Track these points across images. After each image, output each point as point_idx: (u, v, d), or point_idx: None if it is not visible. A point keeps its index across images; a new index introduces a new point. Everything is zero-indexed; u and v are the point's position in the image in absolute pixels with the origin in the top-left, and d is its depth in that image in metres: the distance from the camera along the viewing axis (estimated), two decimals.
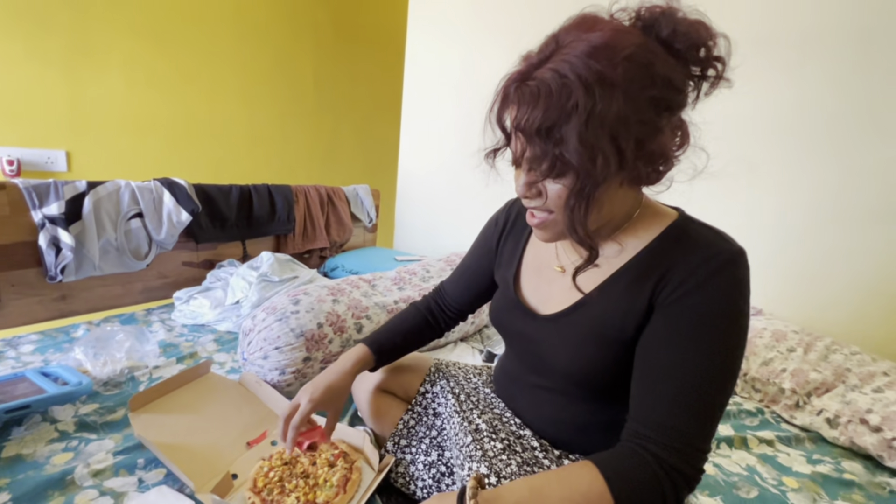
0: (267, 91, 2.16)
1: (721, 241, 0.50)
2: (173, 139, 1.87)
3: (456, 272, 0.83)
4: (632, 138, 0.44)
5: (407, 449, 0.76)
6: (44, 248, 1.14)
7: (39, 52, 1.47)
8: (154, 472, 0.72)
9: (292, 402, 0.70)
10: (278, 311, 0.92)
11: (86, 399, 0.88)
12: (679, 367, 0.48)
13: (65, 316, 1.24)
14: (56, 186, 1.17)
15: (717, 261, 0.48)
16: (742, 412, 1.13)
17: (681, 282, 0.49)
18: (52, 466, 0.71)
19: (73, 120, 1.61)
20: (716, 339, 0.48)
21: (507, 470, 0.58)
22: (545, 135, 0.45)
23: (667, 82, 0.44)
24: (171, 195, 1.39)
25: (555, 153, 0.45)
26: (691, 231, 0.52)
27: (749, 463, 0.92)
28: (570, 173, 0.46)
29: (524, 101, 0.45)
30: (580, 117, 0.42)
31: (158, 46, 1.75)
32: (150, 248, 1.37)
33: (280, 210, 1.76)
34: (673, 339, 0.49)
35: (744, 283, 0.49)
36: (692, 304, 0.48)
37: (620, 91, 0.42)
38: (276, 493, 0.66)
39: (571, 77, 0.43)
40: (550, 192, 0.49)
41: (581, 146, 0.43)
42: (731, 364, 0.49)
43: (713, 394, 0.48)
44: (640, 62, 0.43)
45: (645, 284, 0.51)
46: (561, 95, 0.43)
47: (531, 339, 0.63)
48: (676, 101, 0.46)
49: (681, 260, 0.50)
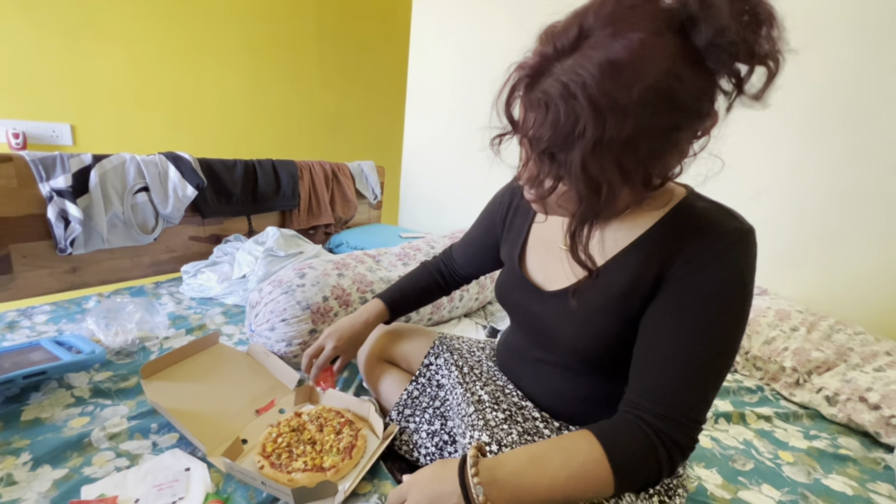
0: (272, 65, 2.13)
1: (730, 219, 0.49)
2: (177, 113, 1.86)
3: (463, 242, 0.85)
4: (639, 160, 0.42)
5: (411, 418, 0.78)
6: (53, 220, 1.15)
7: (40, 22, 1.45)
8: (167, 436, 0.74)
9: (318, 342, 0.77)
10: (284, 284, 0.93)
11: (99, 367, 0.91)
12: (680, 342, 0.49)
13: (76, 288, 1.26)
14: (62, 159, 1.17)
15: (726, 240, 0.48)
16: (742, 389, 1.14)
17: (688, 260, 0.49)
18: (69, 429, 0.73)
19: (77, 93, 1.59)
20: (718, 318, 0.48)
21: (507, 439, 0.59)
22: (550, 156, 0.43)
23: (687, 111, 0.41)
24: (176, 169, 1.39)
25: (559, 174, 0.44)
26: (700, 209, 0.51)
27: (746, 437, 0.94)
28: (573, 196, 0.45)
29: (531, 110, 0.43)
30: (587, 145, 0.40)
31: (161, 18, 1.71)
32: (157, 223, 1.38)
33: (285, 186, 1.75)
34: (676, 315, 0.49)
35: (751, 263, 0.49)
36: (698, 282, 0.48)
37: (632, 119, 0.39)
38: (284, 457, 0.69)
39: (581, 99, 0.39)
40: (550, 202, 0.49)
41: (584, 175, 0.41)
42: (731, 341, 0.49)
43: (711, 369, 0.48)
44: (662, 90, 0.38)
45: (652, 262, 0.51)
46: (568, 119, 0.40)
47: (536, 315, 0.64)
48: (695, 125, 0.43)
49: (689, 238, 0.49)
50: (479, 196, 0.82)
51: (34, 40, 1.45)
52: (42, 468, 0.65)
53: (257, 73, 2.08)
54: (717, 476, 0.80)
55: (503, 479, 0.46)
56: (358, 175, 2.13)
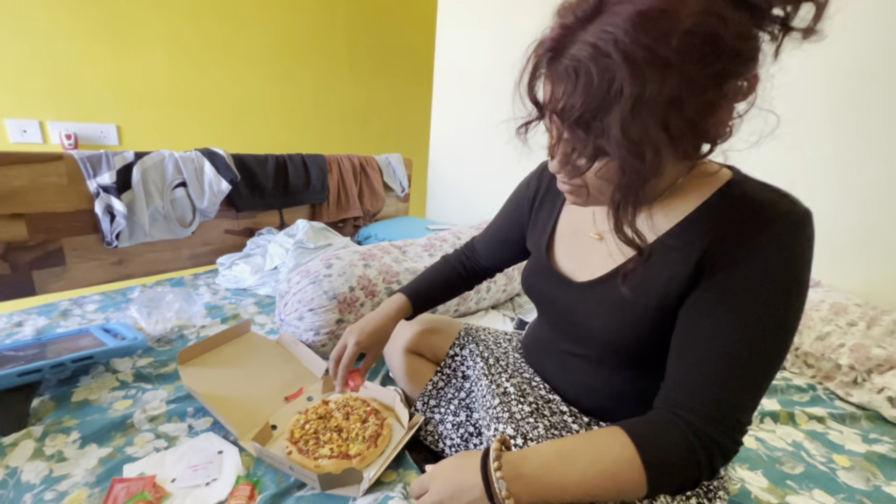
0: (302, 61, 2.16)
1: (784, 201, 0.44)
2: (213, 111, 1.92)
3: (486, 233, 0.81)
4: (685, 119, 0.38)
5: (436, 409, 0.77)
6: (100, 215, 1.22)
7: (88, 32, 1.53)
8: (202, 419, 0.77)
9: (340, 342, 0.73)
10: (312, 274, 0.94)
11: (141, 353, 0.95)
12: (723, 338, 0.45)
13: (122, 279, 1.33)
14: (107, 157, 1.24)
15: (778, 225, 0.43)
16: (791, 387, 1.07)
17: (734, 246, 0.44)
18: (114, 411, 0.77)
19: (122, 95, 1.68)
20: (768, 311, 0.43)
21: (533, 433, 0.57)
22: (584, 125, 0.39)
23: (735, 54, 0.36)
24: (211, 165, 1.44)
25: (596, 144, 0.40)
26: (748, 191, 0.46)
27: (796, 439, 0.88)
28: (615, 166, 0.41)
29: (559, 82, 0.39)
30: (625, 105, 0.36)
31: (196, 23, 1.77)
32: (194, 217, 1.44)
33: (314, 179, 1.78)
34: (720, 308, 0.45)
35: (806, 251, 0.44)
36: (745, 271, 0.44)
37: (675, 71, 0.35)
38: (311, 443, 0.70)
39: (615, 56, 0.35)
40: (589, 181, 0.45)
41: (626, 140, 0.37)
42: (783, 336, 0.45)
43: (759, 365, 0.44)
44: (703, 33, 0.34)
45: (693, 249, 0.46)
46: (602, 80, 0.36)
47: (565, 306, 0.60)
48: (744, 69, 0.38)
49: (735, 223, 0.45)
50: (505, 188, 0.79)
51: (83, 49, 1.53)
52: (89, 446, 0.69)
53: (288, 70, 2.12)
54: (763, 479, 0.75)
55: (528, 474, 0.45)
56: (385, 168, 2.13)
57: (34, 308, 1.14)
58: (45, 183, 1.14)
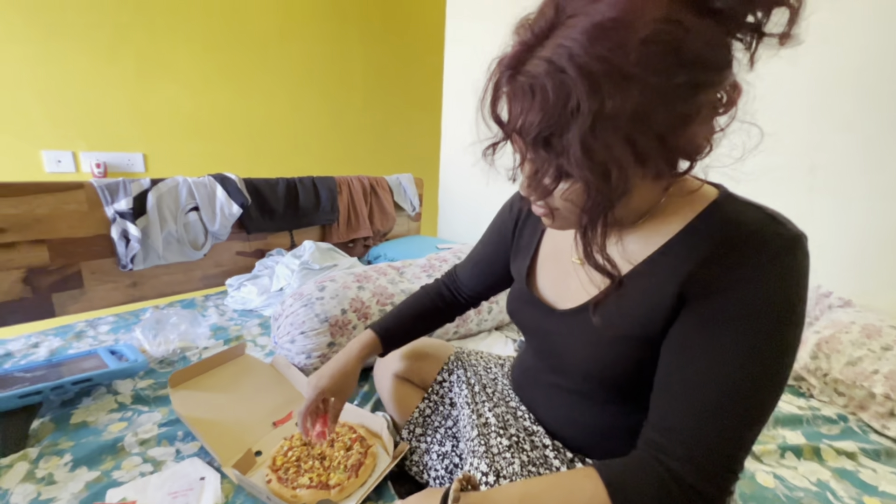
0: (318, 89, 2.24)
1: (772, 223, 0.41)
2: (232, 138, 2.01)
3: (469, 260, 0.77)
4: (654, 135, 0.36)
5: (422, 437, 0.75)
6: (116, 239, 1.28)
7: (117, 66, 1.64)
8: (191, 444, 0.77)
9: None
10: (304, 297, 0.95)
11: (143, 375, 0.97)
12: (709, 373, 0.41)
13: (136, 300, 1.38)
14: (124, 184, 1.30)
15: (767, 250, 0.39)
16: (819, 418, 0.98)
17: (717, 275, 0.41)
18: (108, 433, 0.79)
19: (147, 126, 1.78)
20: (758, 342, 0.39)
21: (508, 469, 0.54)
22: (545, 144, 0.37)
23: (702, 63, 0.34)
24: (222, 189, 1.49)
25: (558, 163, 0.38)
26: (735, 212, 0.43)
27: (821, 477, 0.80)
28: (580, 187, 0.39)
29: (516, 100, 0.38)
30: (584, 122, 0.34)
31: (215, 57, 1.87)
32: (206, 239, 1.49)
33: (324, 201, 1.82)
34: (704, 339, 0.42)
35: (800, 277, 0.40)
36: (732, 299, 0.40)
37: (637, 83, 0.33)
38: (291, 471, 0.69)
39: (570, 71, 0.33)
40: (558, 204, 0.43)
41: (587, 159, 0.35)
42: (775, 372, 0.40)
43: (749, 406, 0.40)
44: (663, 42, 0.33)
45: (675, 275, 0.43)
46: (559, 96, 0.34)
47: (548, 334, 0.58)
48: (715, 79, 0.36)
49: (720, 247, 0.41)
50: None
51: (113, 83, 1.64)
52: (79, 469, 0.70)
53: (304, 97, 2.20)
54: None
55: None
56: (396, 188, 2.16)
57: (52, 329, 1.19)
58: (67, 210, 1.21)
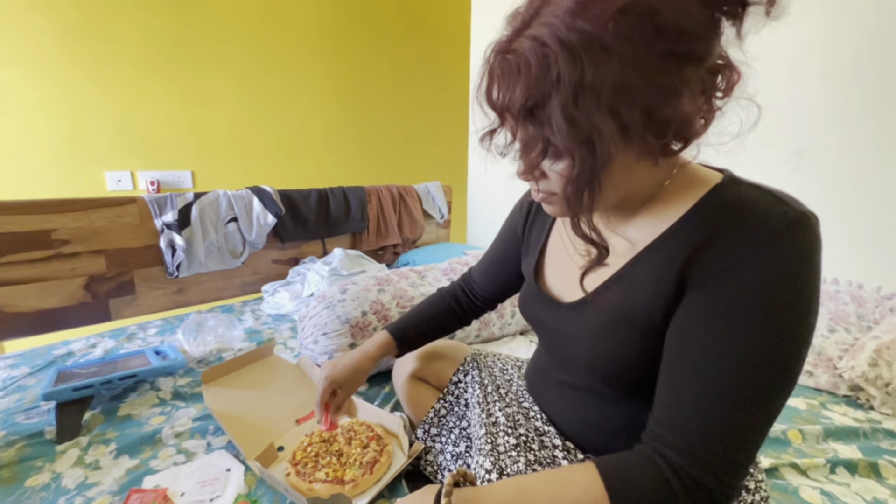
0: (349, 103, 2.34)
1: (775, 202, 0.39)
2: (269, 153, 2.13)
3: (483, 261, 0.78)
4: (637, 107, 0.36)
5: (437, 437, 0.75)
6: (163, 249, 1.39)
7: (168, 95, 1.80)
8: (220, 437, 0.82)
9: None
10: (327, 299, 0.98)
11: (183, 373, 1.04)
12: (709, 359, 0.39)
13: (181, 306, 1.48)
14: (171, 198, 1.41)
15: (768, 229, 0.38)
16: (879, 432, 0.89)
17: (721, 254, 0.40)
18: (149, 426, 0.85)
19: (195, 145, 1.93)
20: (764, 326, 0.37)
21: (513, 467, 0.53)
22: (530, 116, 0.39)
23: (679, 32, 0.34)
24: (259, 201, 1.58)
25: (544, 136, 0.39)
26: (739, 194, 0.42)
27: (878, 496, 0.72)
28: (566, 158, 0.40)
29: (504, 78, 0.39)
30: (565, 92, 0.35)
31: (252, 82, 2.01)
32: (244, 248, 1.58)
33: (354, 210, 1.88)
34: (705, 325, 0.40)
35: (810, 255, 0.38)
36: (735, 281, 0.39)
37: (616, 54, 0.34)
38: (309, 466, 0.71)
39: (552, 44, 0.35)
40: (551, 175, 0.43)
41: (570, 127, 0.36)
42: (785, 359, 0.38)
43: (750, 397, 0.38)
44: (639, 13, 0.34)
45: (675, 261, 0.43)
46: (541, 68, 0.36)
47: (554, 329, 0.58)
48: (698, 50, 0.36)
49: (723, 228, 0.40)
50: None
51: (166, 108, 1.79)
52: (122, 457, 0.76)
53: (334, 112, 2.30)
54: None
55: None
56: (425, 196, 2.19)
57: (107, 332, 1.30)
58: (121, 223, 1.33)
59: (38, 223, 1.19)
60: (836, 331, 1.06)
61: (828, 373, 1.03)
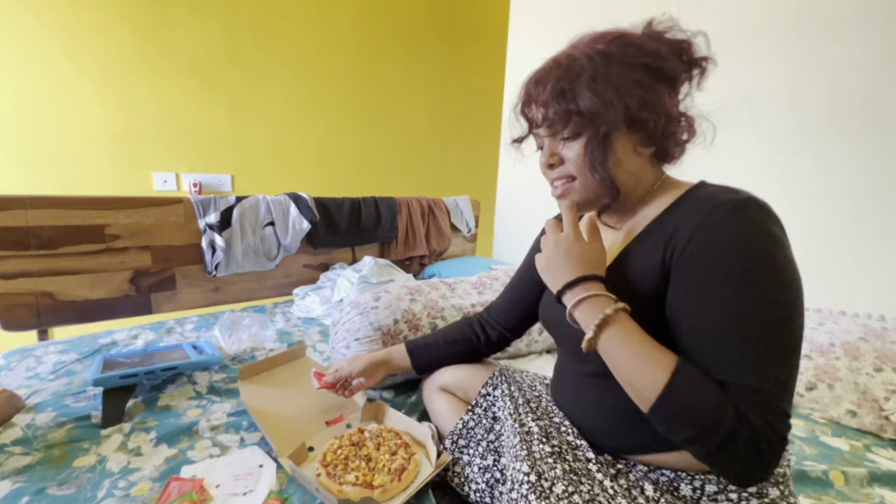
0: (385, 118, 2.41)
1: (729, 192, 0.50)
2: (306, 161, 2.21)
3: (504, 291, 0.86)
4: (634, 97, 0.52)
5: (465, 449, 0.75)
6: (204, 248, 1.45)
7: (214, 102, 1.90)
8: (253, 434, 0.84)
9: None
10: (361, 305, 1.00)
11: (218, 369, 1.08)
12: (714, 319, 0.46)
13: (216, 304, 1.54)
14: (215, 200, 1.48)
15: (726, 206, 0.48)
16: None
17: (690, 235, 0.49)
18: (186, 417, 0.88)
19: (236, 151, 2.02)
20: (748, 281, 0.45)
21: (551, 473, 0.54)
22: (559, 95, 0.54)
23: (656, 53, 0.53)
24: (295, 206, 1.64)
25: (570, 108, 0.54)
26: (705, 191, 0.53)
27: None
28: (586, 129, 0.54)
29: (541, 80, 0.56)
30: (587, 75, 0.53)
31: (293, 94, 2.11)
32: (279, 252, 1.63)
33: (384, 220, 1.92)
34: (697, 295, 0.48)
35: (760, 227, 0.46)
36: (707, 253, 0.47)
37: (617, 60, 0.53)
38: (339, 468, 0.72)
39: (577, 53, 0.55)
40: (570, 155, 0.57)
41: (592, 95, 0.52)
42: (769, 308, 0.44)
43: (766, 339, 0.44)
44: (631, 42, 0.54)
45: (657, 247, 0.53)
46: (569, 64, 0.54)
47: (566, 324, 0.62)
48: (668, 69, 0.53)
49: (688, 215, 0.51)
50: None
51: (210, 115, 1.89)
52: (161, 446, 0.80)
53: (371, 123, 2.37)
54: None
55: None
56: (453, 209, 2.22)
57: (148, 325, 1.36)
58: (168, 222, 1.40)
59: (94, 218, 1.26)
60: (883, 370, 1.02)
61: (872, 414, 0.98)
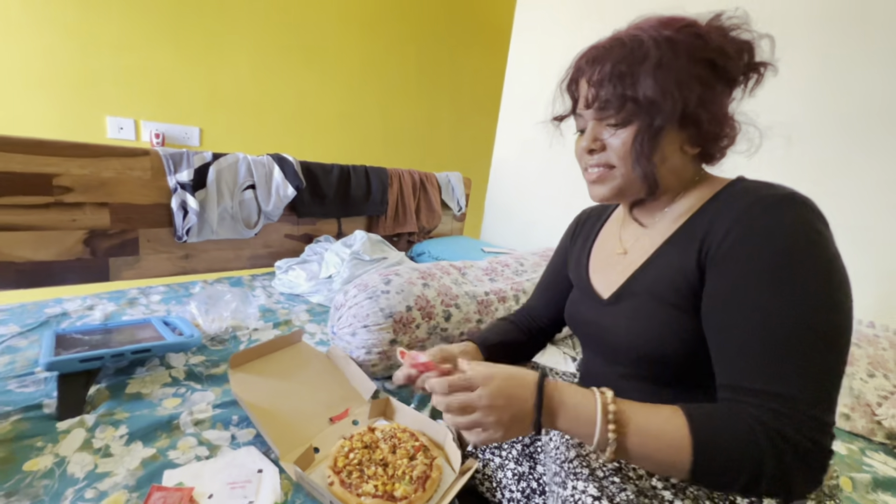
0: (374, 80, 2.22)
1: (768, 187, 0.47)
2: (286, 119, 2.01)
3: (537, 289, 0.84)
4: (694, 93, 0.48)
5: (496, 451, 0.69)
6: (174, 210, 1.27)
7: (184, 47, 1.65)
8: (245, 430, 0.74)
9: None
10: (370, 289, 0.90)
11: (195, 351, 0.95)
12: (752, 322, 0.43)
13: (186, 273, 1.37)
14: (188, 156, 1.29)
15: (766, 202, 0.45)
16: None
17: (727, 230, 0.46)
18: (163, 409, 0.76)
19: (206, 100, 1.79)
20: (790, 281, 0.42)
21: (621, 495, 0.48)
22: (618, 78, 0.50)
23: (721, 50, 0.49)
24: (280, 170, 1.47)
25: (626, 94, 0.49)
26: (741, 188, 0.50)
27: None
28: (638, 119, 0.50)
29: (598, 58, 0.52)
30: (652, 62, 0.48)
31: (278, 40, 1.88)
32: (259, 219, 1.47)
33: (375, 191, 1.79)
34: (737, 293, 0.45)
35: (806, 218, 0.43)
36: (747, 248, 0.44)
37: (683, 50, 0.48)
38: (355, 476, 0.64)
39: (644, 36, 0.49)
40: (614, 143, 0.53)
41: (654, 84, 0.48)
42: (814, 310, 0.41)
43: (807, 344, 0.40)
44: (700, 33, 0.50)
45: (692, 245, 0.50)
46: (634, 46, 0.49)
47: (597, 325, 0.62)
48: (729, 68, 0.50)
49: (724, 211, 0.48)
50: (564, 215, 0.83)
51: (177, 58, 1.65)
52: (135, 444, 0.67)
53: (360, 85, 2.18)
54: None
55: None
56: (445, 186, 2.11)
57: (105, 293, 1.19)
58: (131, 176, 1.20)
59: (39, 165, 1.06)
60: (876, 376, 1.05)
61: (865, 418, 1.01)
